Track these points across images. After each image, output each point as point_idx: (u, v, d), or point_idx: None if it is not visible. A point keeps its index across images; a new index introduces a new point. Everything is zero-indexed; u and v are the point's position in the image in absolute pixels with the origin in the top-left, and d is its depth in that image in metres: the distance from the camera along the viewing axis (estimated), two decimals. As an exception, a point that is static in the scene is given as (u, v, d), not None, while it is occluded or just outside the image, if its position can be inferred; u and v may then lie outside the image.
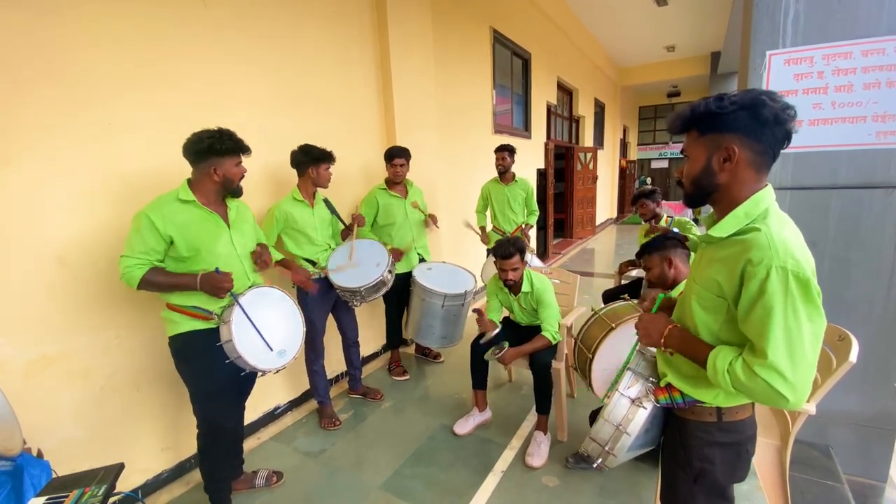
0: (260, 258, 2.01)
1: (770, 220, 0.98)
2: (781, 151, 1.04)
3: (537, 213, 3.97)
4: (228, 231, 1.87)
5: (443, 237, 4.11)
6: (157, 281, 1.73)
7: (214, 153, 1.76)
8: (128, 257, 1.70)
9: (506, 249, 2.32)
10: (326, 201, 2.71)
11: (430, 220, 3.29)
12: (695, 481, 1.18)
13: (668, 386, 1.20)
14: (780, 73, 2.02)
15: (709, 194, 1.06)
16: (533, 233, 6.73)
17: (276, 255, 2.45)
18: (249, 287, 1.91)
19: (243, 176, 1.89)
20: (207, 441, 1.95)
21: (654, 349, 1.32)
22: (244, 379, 1.97)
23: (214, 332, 1.81)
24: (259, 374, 1.89)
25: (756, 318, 0.94)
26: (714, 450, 1.15)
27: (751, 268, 0.94)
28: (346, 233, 2.84)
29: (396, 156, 3.04)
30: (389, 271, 2.64)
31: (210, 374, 1.84)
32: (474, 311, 2.39)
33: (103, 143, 1.92)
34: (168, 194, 1.78)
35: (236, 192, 1.89)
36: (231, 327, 1.76)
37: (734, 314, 1.02)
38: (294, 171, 2.57)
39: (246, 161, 2.49)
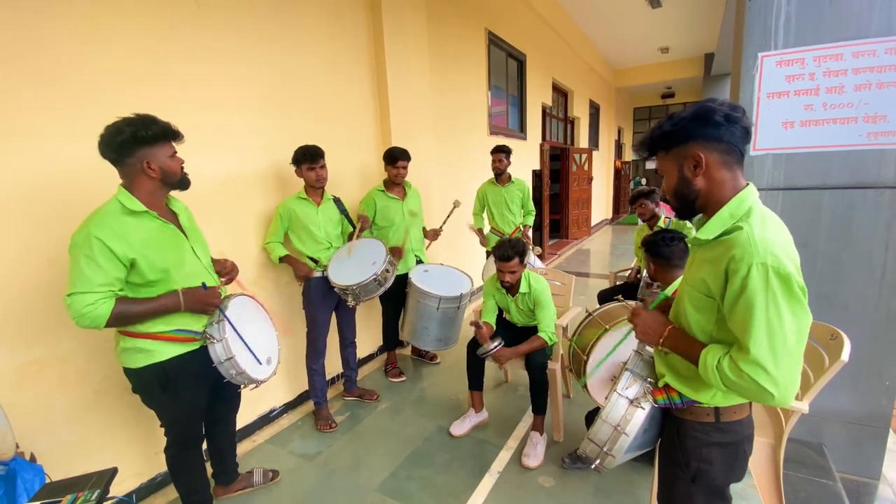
0: (225, 271, 1.86)
1: (753, 218, 1.01)
2: (773, 153, 1.07)
3: (534, 213, 3.99)
4: (188, 241, 1.66)
5: (440, 239, 4.10)
6: (134, 311, 1.48)
7: (141, 142, 1.48)
8: (84, 294, 1.39)
9: (505, 251, 2.32)
10: (337, 201, 2.76)
11: (430, 234, 3.35)
12: (692, 481, 1.19)
13: (667, 386, 1.21)
14: (772, 75, 2.03)
15: (692, 202, 1.11)
16: (530, 233, 6.74)
17: (281, 251, 2.57)
18: (223, 298, 1.76)
19: (183, 166, 1.62)
20: (181, 460, 1.83)
21: (650, 349, 1.33)
22: (228, 394, 1.94)
23: (198, 354, 1.68)
24: (253, 386, 1.81)
25: (739, 314, 0.97)
26: (712, 450, 1.16)
27: (733, 265, 0.97)
28: (354, 234, 2.86)
29: (399, 158, 3.03)
30: (387, 270, 2.63)
31: (192, 398, 1.73)
32: (472, 323, 2.38)
33: (96, 142, 1.91)
34: (108, 206, 1.48)
35: (183, 184, 1.63)
36: (229, 343, 1.65)
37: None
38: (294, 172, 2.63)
39: (240, 162, 2.52)
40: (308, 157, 2.51)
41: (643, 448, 1.32)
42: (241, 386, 1.85)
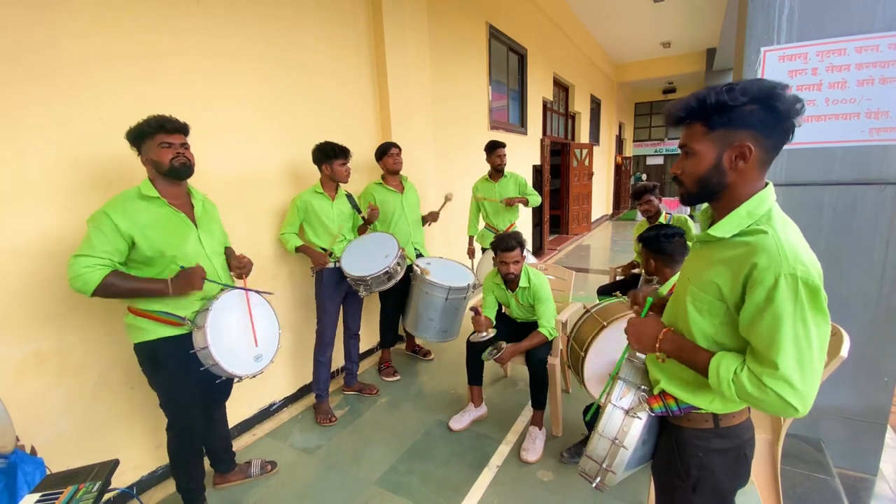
0: (240, 265, 1.91)
1: (775, 222, 0.94)
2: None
3: (538, 196, 3.71)
4: (196, 230, 1.78)
5: (435, 233, 4.10)
6: (122, 286, 1.59)
7: (138, 138, 1.65)
8: (86, 256, 1.52)
9: (507, 242, 2.35)
10: (349, 196, 2.82)
11: (429, 216, 3.35)
12: (693, 490, 1.12)
13: (662, 393, 1.14)
14: (775, 70, 2.02)
15: (714, 193, 0.99)
16: (528, 230, 6.73)
17: (297, 241, 2.64)
18: (221, 289, 1.84)
19: (177, 156, 1.66)
20: (178, 444, 1.89)
21: (642, 356, 1.27)
22: (220, 383, 1.93)
23: (186, 339, 1.73)
24: (235, 380, 1.82)
25: (764, 327, 0.89)
26: (712, 457, 1.09)
27: (757, 273, 0.89)
28: (364, 228, 2.92)
29: (393, 146, 3.10)
30: (398, 264, 2.67)
31: (181, 382, 1.78)
32: (471, 309, 2.41)
33: (95, 137, 1.90)
34: (127, 191, 1.66)
35: (176, 174, 1.68)
36: (206, 333, 1.68)
37: (733, 317, 0.97)
38: (311, 167, 2.68)
39: (244, 153, 2.52)
40: (343, 153, 2.61)
41: (642, 462, 1.25)
42: (236, 379, 1.85)
